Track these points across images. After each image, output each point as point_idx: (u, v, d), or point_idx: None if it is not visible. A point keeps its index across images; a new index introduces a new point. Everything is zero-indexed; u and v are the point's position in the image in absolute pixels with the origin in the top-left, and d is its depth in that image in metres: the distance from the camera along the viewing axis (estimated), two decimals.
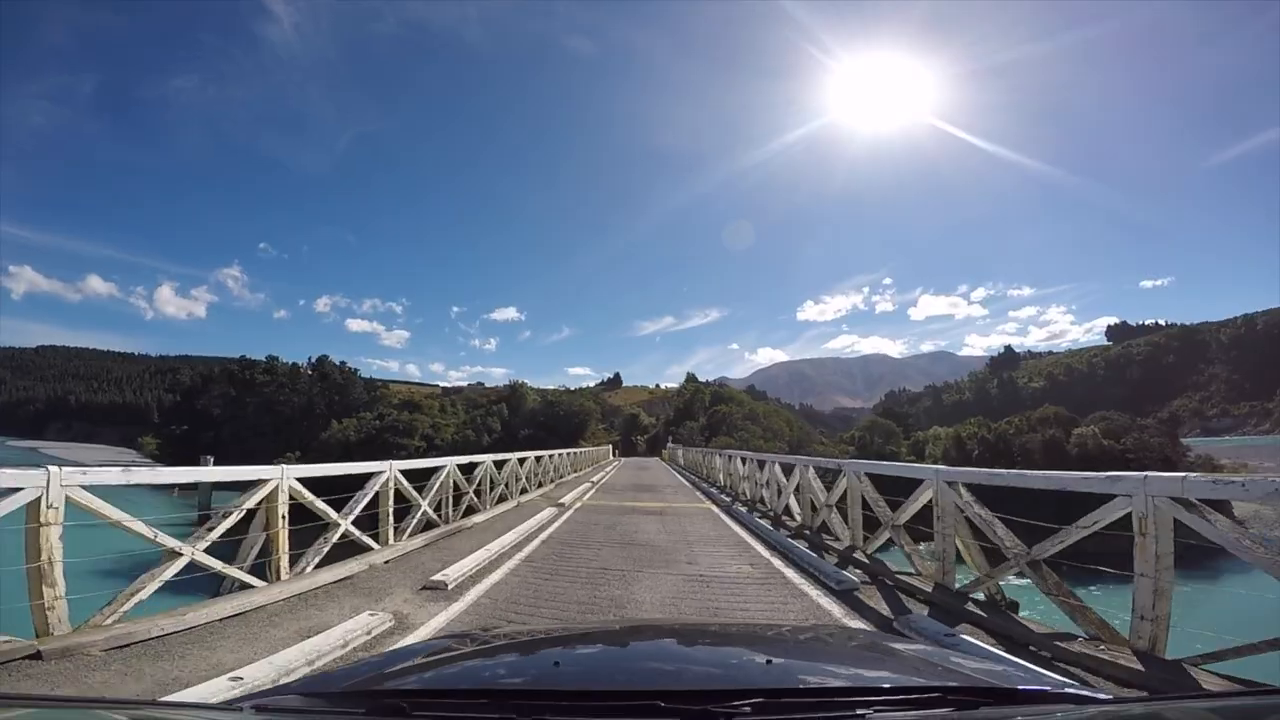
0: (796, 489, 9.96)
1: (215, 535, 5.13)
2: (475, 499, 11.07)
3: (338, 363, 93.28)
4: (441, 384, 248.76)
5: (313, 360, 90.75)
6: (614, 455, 47.37)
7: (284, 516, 5.74)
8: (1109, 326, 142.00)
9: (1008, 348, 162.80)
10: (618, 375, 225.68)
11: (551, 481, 18.36)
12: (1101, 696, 1.22)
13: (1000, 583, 4.97)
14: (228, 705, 1.36)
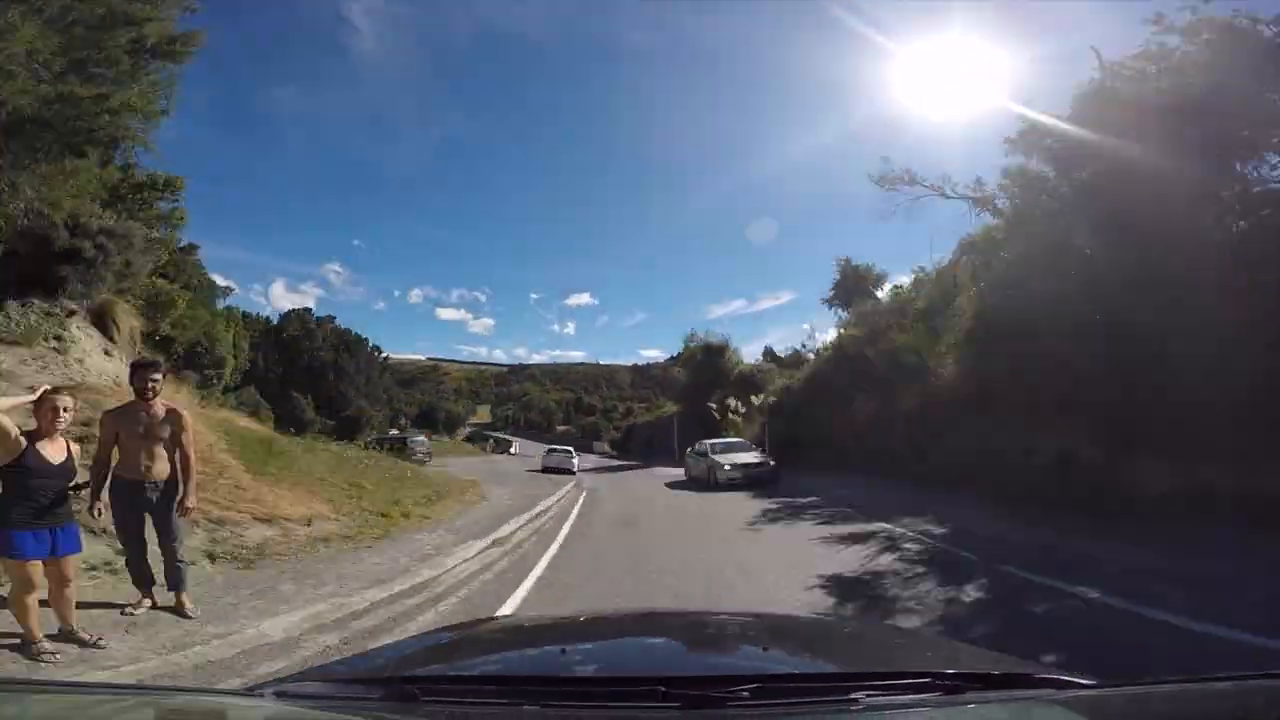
0: None
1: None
2: None
3: (317, 316, 67.41)
4: (508, 364, 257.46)
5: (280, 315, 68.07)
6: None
7: None
8: None
9: None
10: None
11: None
12: (1084, 681, 1.28)
13: None
14: (248, 691, 1.46)
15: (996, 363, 11.83)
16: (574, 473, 25.75)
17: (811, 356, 30.14)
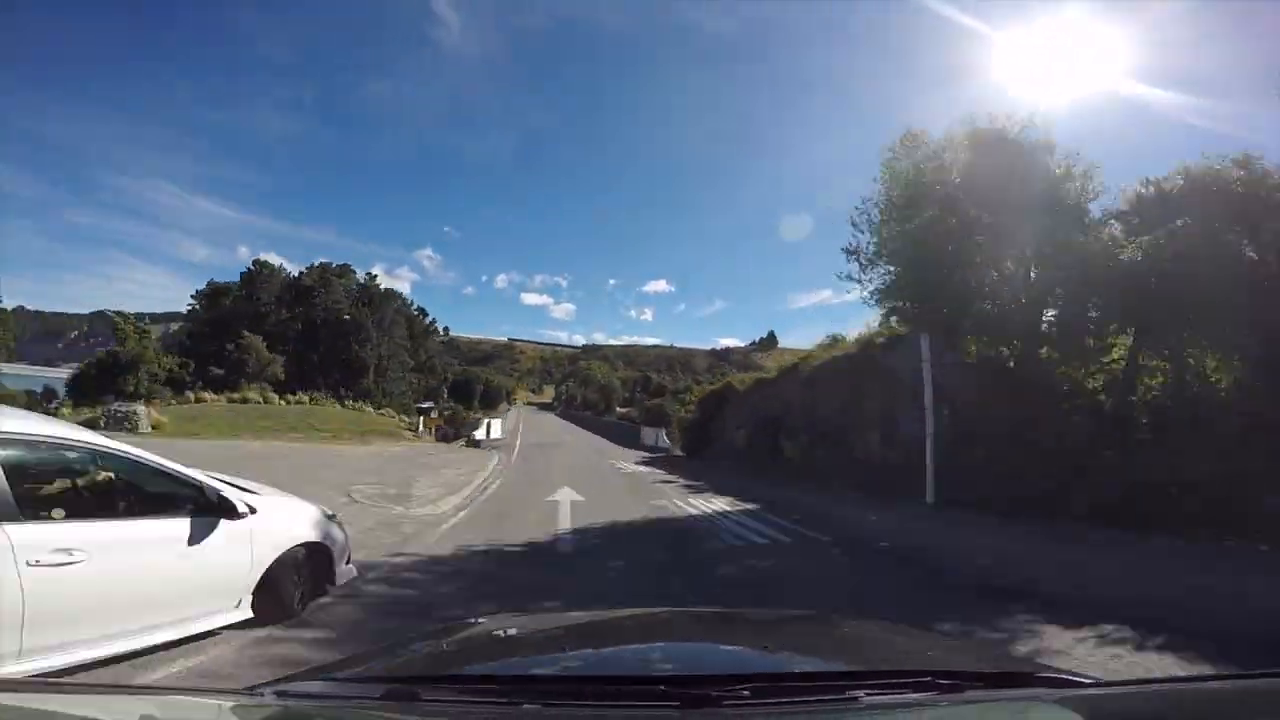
0: None
1: None
2: None
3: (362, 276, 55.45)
4: (582, 345, 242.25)
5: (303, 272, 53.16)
6: None
7: None
8: None
9: None
10: (771, 334, 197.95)
11: None
12: (1085, 680, 1.27)
13: None
14: (249, 691, 1.30)
15: None
16: None
17: None
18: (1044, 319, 11.83)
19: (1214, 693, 1.24)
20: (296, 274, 53.60)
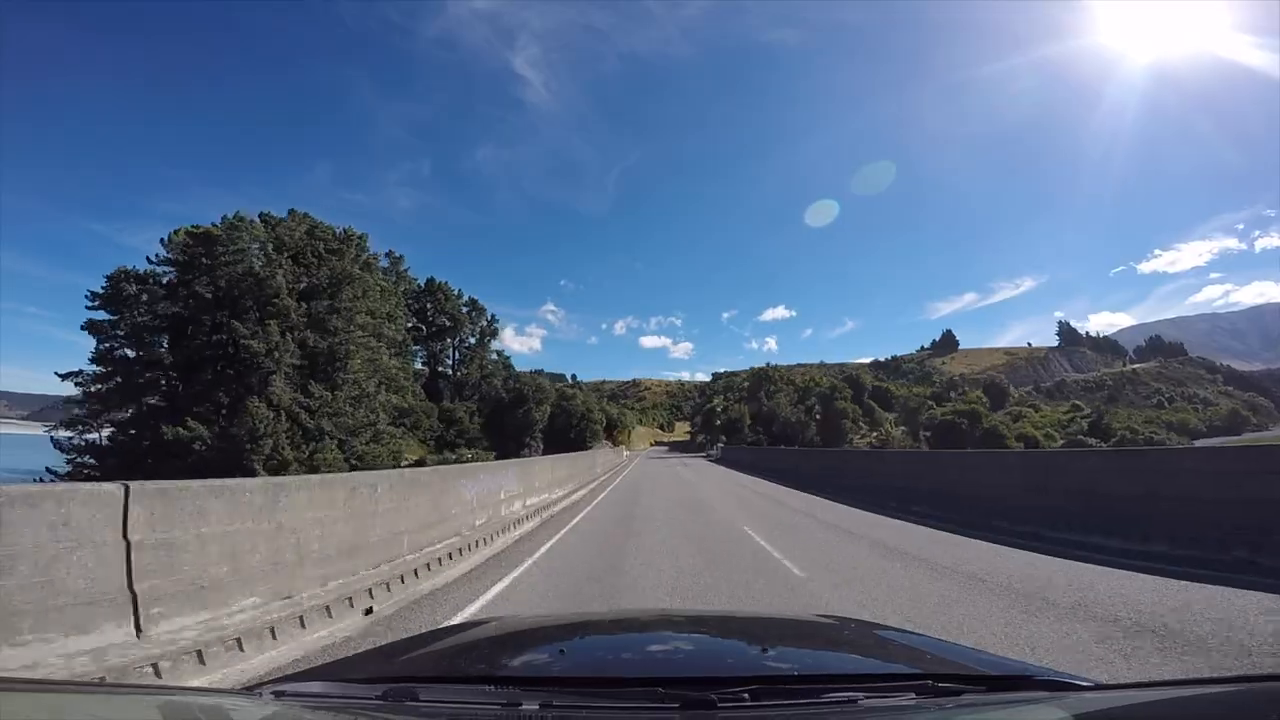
0: None
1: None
2: None
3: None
4: (710, 377, 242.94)
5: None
6: None
7: None
8: None
9: None
10: (949, 334, 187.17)
11: None
12: (1083, 683, 1.26)
13: None
14: (247, 690, 1.38)
15: None
16: None
17: None
18: None
19: (1215, 696, 1.22)
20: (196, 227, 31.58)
